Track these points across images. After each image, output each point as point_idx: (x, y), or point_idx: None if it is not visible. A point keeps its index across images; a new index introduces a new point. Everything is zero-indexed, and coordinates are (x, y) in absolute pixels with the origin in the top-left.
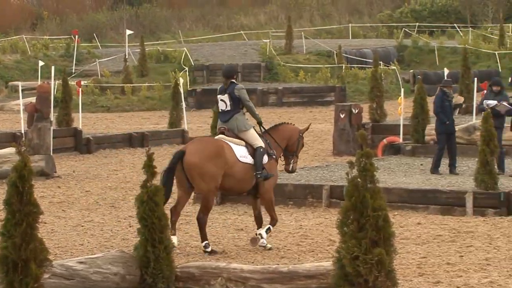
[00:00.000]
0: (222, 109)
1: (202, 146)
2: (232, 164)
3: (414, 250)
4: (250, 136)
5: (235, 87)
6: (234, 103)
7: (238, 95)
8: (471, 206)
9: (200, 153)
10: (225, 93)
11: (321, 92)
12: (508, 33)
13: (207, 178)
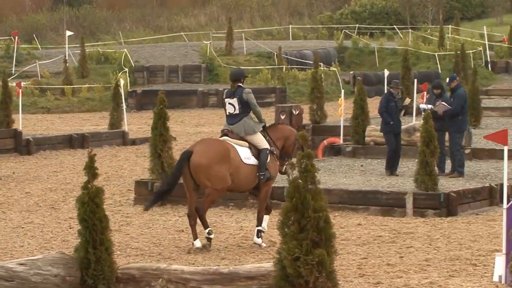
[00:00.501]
0: (230, 112)
1: (209, 147)
2: (237, 165)
3: (354, 251)
4: (257, 138)
5: (243, 91)
6: (243, 107)
7: (246, 99)
8: (411, 207)
9: (207, 154)
10: (233, 97)
11: (261, 94)
12: (448, 35)
13: (214, 179)
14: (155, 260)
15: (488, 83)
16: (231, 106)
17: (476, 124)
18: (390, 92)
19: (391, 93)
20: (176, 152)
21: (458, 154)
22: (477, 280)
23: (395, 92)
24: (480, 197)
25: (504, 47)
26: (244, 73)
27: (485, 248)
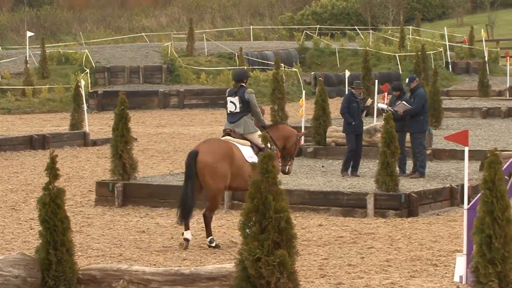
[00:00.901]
0: (231, 111)
1: (214, 146)
2: (241, 164)
3: (315, 251)
4: (256, 137)
5: (245, 90)
6: (244, 106)
7: (247, 99)
8: (372, 207)
9: (213, 153)
10: (235, 96)
11: (222, 94)
12: (409, 36)
13: (217, 178)
14: (116, 261)
15: (448, 84)
16: (232, 105)
17: (437, 125)
18: (352, 92)
19: (352, 94)
20: (137, 153)
21: (420, 154)
22: (438, 280)
23: (357, 93)
24: (441, 197)
25: (465, 48)
26: (247, 73)
27: (446, 249)
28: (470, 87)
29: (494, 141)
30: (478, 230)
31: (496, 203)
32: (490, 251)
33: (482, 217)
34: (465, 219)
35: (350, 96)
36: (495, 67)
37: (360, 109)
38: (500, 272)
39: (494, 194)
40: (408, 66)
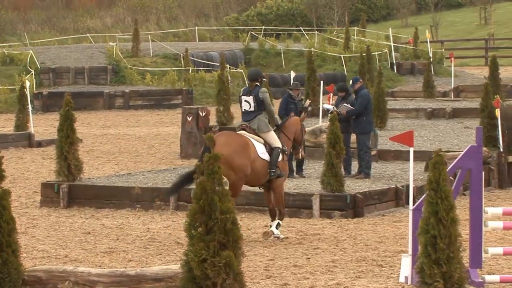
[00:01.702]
0: (245, 109)
1: (231, 139)
2: (254, 159)
3: (261, 252)
4: (270, 136)
5: (260, 90)
6: (258, 105)
7: (262, 98)
8: (317, 208)
9: (230, 145)
10: (250, 95)
11: (168, 95)
12: (353, 37)
13: (236, 168)
14: (61, 262)
15: (393, 84)
16: (247, 104)
17: (382, 126)
18: (290, 94)
19: (290, 95)
20: (82, 154)
21: (365, 155)
22: (383, 281)
23: (295, 94)
24: (386, 198)
25: (409, 49)
26: (261, 73)
27: (391, 249)
28: (415, 88)
29: (439, 142)
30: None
31: (441, 203)
32: (435, 251)
33: (427, 218)
34: (410, 219)
35: (287, 97)
36: (440, 68)
37: (299, 110)
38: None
39: (439, 195)
40: (353, 67)
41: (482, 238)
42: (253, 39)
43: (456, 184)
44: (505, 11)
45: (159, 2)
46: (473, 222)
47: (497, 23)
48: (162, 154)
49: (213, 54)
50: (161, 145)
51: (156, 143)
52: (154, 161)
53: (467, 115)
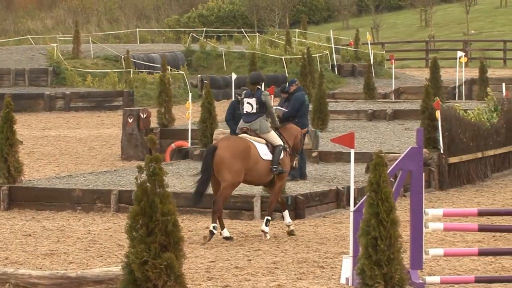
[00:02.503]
0: (247, 111)
1: (233, 143)
2: (256, 161)
3: (202, 254)
4: (271, 136)
5: (262, 93)
6: (260, 107)
7: (264, 100)
8: (259, 210)
9: (231, 149)
10: (252, 97)
11: (109, 97)
12: (294, 38)
13: (233, 172)
14: (2, 264)
15: (334, 86)
16: (249, 106)
17: (323, 127)
18: (238, 99)
19: (238, 101)
20: (22, 156)
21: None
22: (325, 282)
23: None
24: (327, 199)
25: (350, 51)
26: (263, 76)
27: (333, 251)
28: (356, 89)
29: (379, 144)
30: (364, 232)
31: (382, 205)
32: (376, 253)
33: (368, 219)
34: (351, 221)
35: (235, 103)
36: (381, 70)
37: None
38: (386, 273)
39: (380, 196)
40: (294, 68)
41: (423, 240)
42: (194, 41)
43: (396, 186)
44: (445, 13)
45: (100, 4)
46: (413, 224)
47: (438, 25)
48: (103, 156)
49: (154, 56)
50: (102, 147)
51: (97, 144)
52: (95, 163)
53: (407, 117)
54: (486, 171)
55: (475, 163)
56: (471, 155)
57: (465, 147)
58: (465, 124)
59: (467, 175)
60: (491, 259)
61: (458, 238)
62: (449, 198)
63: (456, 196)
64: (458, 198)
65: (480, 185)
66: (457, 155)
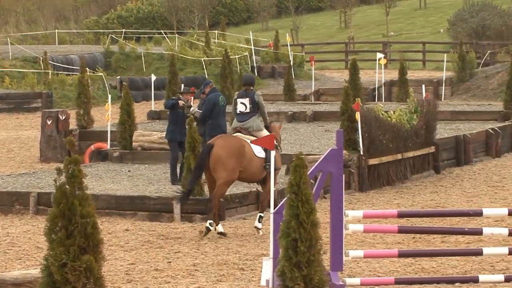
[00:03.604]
0: (240, 111)
1: (229, 142)
2: (250, 159)
3: (122, 256)
4: (264, 135)
5: (255, 93)
6: (254, 107)
7: (257, 100)
8: (178, 212)
9: (227, 148)
10: (246, 97)
11: (27, 99)
12: (214, 40)
13: (228, 170)
14: None
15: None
16: (243, 105)
17: None
18: (180, 98)
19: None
20: None
21: None
22: (245, 284)
23: (184, 99)
24: (247, 201)
25: (270, 52)
26: (255, 78)
27: (253, 253)
28: (275, 91)
29: (300, 145)
30: (284, 234)
31: (302, 207)
32: (296, 254)
33: (288, 221)
34: (271, 223)
35: (176, 103)
36: (301, 71)
37: (186, 115)
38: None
39: (300, 198)
40: (213, 70)
41: (343, 241)
42: (114, 42)
43: (317, 187)
44: (364, 14)
45: (19, 5)
46: (333, 225)
47: (357, 27)
48: (21, 158)
49: (73, 57)
50: (20, 149)
51: (15, 146)
52: (14, 165)
53: (327, 119)
54: (405, 173)
55: (394, 165)
56: (391, 156)
57: (384, 148)
58: (385, 126)
59: (387, 177)
60: (411, 261)
61: (378, 239)
62: (369, 199)
63: (376, 198)
64: (378, 199)
65: (399, 187)
66: (376, 156)
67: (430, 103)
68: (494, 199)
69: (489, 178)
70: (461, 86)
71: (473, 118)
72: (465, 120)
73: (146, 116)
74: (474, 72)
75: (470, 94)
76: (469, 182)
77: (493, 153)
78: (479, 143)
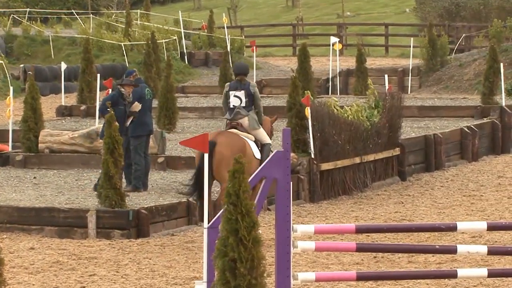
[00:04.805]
0: (234, 105)
1: (232, 140)
2: (250, 160)
3: (27, 280)
4: (261, 133)
5: (250, 84)
6: (249, 100)
7: (253, 92)
8: (94, 227)
9: (231, 147)
10: (240, 89)
11: None
12: (136, 21)
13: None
14: None
15: (184, 78)
16: (237, 99)
17: (171, 128)
18: (120, 91)
19: (121, 94)
20: None
21: (136, 164)
22: None
23: (126, 92)
24: (176, 214)
25: (203, 36)
26: (248, 67)
27: (183, 276)
28: (210, 82)
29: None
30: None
31: (242, 220)
32: (234, 277)
33: (225, 238)
34: (205, 240)
35: (118, 96)
36: (240, 59)
37: (127, 114)
38: None
39: (239, 210)
40: (136, 57)
41: (291, 262)
42: (16, 23)
43: (259, 197)
44: None
45: None
46: (279, 242)
47: (307, 5)
48: None
49: None
50: None
51: None
52: None
53: (272, 115)
54: (365, 180)
55: (352, 170)
56: (348, 160)
57: (340, 150)
58: (341, 124)
59: (343, 184)
60: (372, 285)
61: (332, 259)
62: (321, 211)
63: (330, 210)
64: (332, 211)
65: (358, 196)
66: (331, 160)
67: (394, 96)
68: (470, 211)
69: (464, 185)
70: (431, 76)
71: (446, 114)
72: (436, 117)
73: (55, 113)
74: (446, 59)
75: (442, 86)
76: (440, 191)
77: (469, 156)
78: (453, 144)
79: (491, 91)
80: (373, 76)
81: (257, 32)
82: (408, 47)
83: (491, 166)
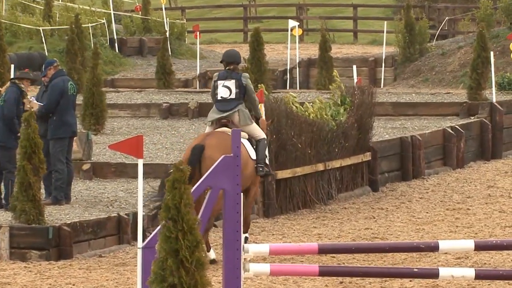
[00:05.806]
0: (222, 97)
1: (224, 141)
2: (246, 162)
3: None
4: (253, 129)
5: (242, 74)
6: (240, 92)
7: (245, 84)
8: (7, 247)
9: (224, 149)
10: (230, 79)
11: None
12: (58, 2)
13: None
14: None
15: (114, 69)
16: (226, 90)
17: (99, 128)
18: (19, 87)
19: (21, 90)
20: None
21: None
22: None
23: (26, 87)
24: (105, 232)
25: (137, 19)
26: (240, 55)
27: None
28: (145, 74)
29: (179, 151)
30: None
31: (183, 239)
32: None
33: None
34: (139, 262)
35: (18, 93)
36: (181, 46)
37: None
38: None
39: (180, 227)
40: (57, 44)
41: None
42: None
43: (204, 211)
44: None
45: None
46: (228, 265)
47: None
48: None
49: None
50: None
51: None
52: None
53: None
54: (330, 190)
55: (314, 179)
56: (309, 167)
57: (300, 156)
58: (301, 124)
59: (304, 196)
60: None
61: (291, 285)
62: (278, 228)
63: (288, 226)
64: (290, 228)
65: (321, 210)
66: (289, 167)
67: (364, 91)
68: (454, 227)
69: (448, 197)
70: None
71: (425, 112)
72: (414, 115)
73: None
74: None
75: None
76: (419, 203)
77: (453, 162)
78: (434, 148)
79: (479, 84)
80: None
81: (201, 14)
82: (381, 33)
83: (479, 174)
